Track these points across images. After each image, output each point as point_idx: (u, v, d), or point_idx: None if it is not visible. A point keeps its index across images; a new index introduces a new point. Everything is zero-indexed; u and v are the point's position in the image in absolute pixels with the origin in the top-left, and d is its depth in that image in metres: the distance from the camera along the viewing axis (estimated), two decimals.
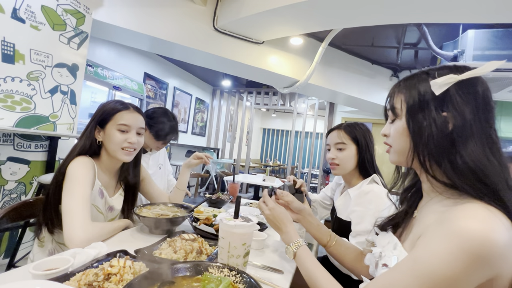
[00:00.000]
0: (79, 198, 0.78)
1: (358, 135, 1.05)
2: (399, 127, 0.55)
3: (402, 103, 0.55)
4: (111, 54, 3.28)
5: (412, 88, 0.53)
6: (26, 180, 1.85)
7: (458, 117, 0.48)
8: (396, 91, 0.57)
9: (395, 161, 0.58)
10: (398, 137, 0.55)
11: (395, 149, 0.57)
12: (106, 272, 0.52)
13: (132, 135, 0.92)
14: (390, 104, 0.58)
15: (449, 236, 0.40)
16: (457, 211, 0.43)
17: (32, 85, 1.77)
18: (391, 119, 0.58)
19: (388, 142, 0.59)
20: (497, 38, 2.33)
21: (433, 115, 0.49)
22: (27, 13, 1.70)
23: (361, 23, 2.15)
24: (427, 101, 0.50)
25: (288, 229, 0.74)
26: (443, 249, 0.40)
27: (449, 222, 0.42)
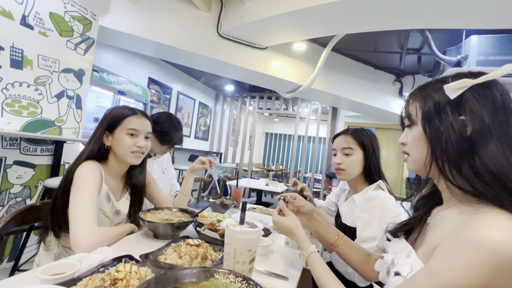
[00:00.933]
0: (86, 203, 0.79)
1: (365, 141, 1.04)
2: (416, 134, 0.55)
3: (417, 109, 0.55)
4: (116, 59, 3.32)
5: (427, 95, 0.54)
6: (32, 184, 1.86)
7: (476, 120, 0.47)
8: (411, 99, 0.57)
9: (413, 170, 0.57)
10: (415, 144, 0.55)
11: (413, 157, 0.56)
12: (113, 277, 0.52)
13: (141, 139, 0.95)
14: (406, 112, 0.58)
15: (469, 247, 0.39)
16: (477, 220, 0.41)
17: (39, 90, 1.79)
18: (407, 127, 0.58)
19: (406, 150, 0.59)
20: (501, 44, 2.33)
21: (450, 119, 0.49)
22: (36, 19, 1.73)
23: (364, 29, 2.16)
24: (443, 105, 0.50)
25: (296, 237, 0.75)
26: (463, 261, 0.38)
27: (470, 232, 0.40)
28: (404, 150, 0.59)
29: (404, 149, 0.59)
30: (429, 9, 1.74)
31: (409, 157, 0.58)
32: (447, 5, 1.67)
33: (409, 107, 0.57)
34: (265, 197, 5.80)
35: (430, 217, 0.58)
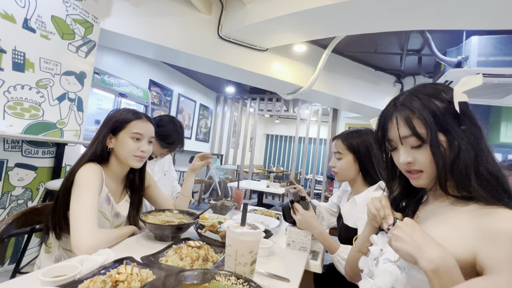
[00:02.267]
0: (87, 205, 0.79)
1: (355, 144, 1.05)
2: (428, 151, 0.53)
3: (420, 127, 0.53)
4: (117, 61, 3.34)
5: (426, 110, 0.53)
6: (33, 186, 1.87)
7: (475, 128, 0.52)
8: (405, 118, 0.55)
9: (424, 185, 0.57)
10: (430, 161, 0.54)
11: (429, 173, 0.55)
12: (114, 279, 0.52)
13: (145, 143, 0.96)
14: (409, 130, 0.54)
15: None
16: (503, 221, 0.45)
17: (41, 93, 1.80)
18: (414, 145, 0.55)
19: (417, 169, 0.56)
20: (501, 44, 2.33)
21: (458, 131, 0.52)
22: (38, 23, 1.74)
23: (364, 30, 2.16)
24: (447, 119, 0.52)
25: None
26: None
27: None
28: (415, 169, 0.56)
29: (414, 167, 0.56)
30: (429, 10, 1.74)
31: (424, 174, 0.56)
32: (447, 6, 1.67)
33: (413, 125, 0.54)
34: (266, 198, 5.79)
35: (419, 211, 0.62)
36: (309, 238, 0.98)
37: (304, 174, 5.40)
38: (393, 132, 0.57)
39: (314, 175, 5.33)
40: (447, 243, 0.48)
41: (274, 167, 8.05)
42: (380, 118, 0.62)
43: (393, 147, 0.60)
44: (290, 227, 1.02)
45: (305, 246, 0.98)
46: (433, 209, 0.59)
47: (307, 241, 0.98)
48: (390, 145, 0.60)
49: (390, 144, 0.60)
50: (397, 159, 0.59)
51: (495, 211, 0.47)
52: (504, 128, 4.09)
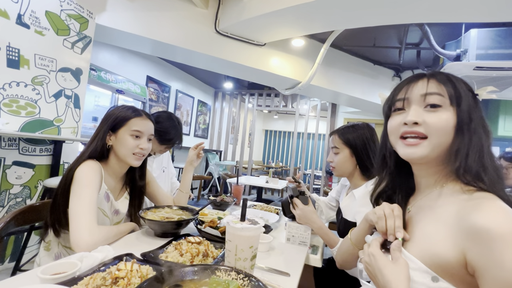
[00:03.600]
0: (86, 202, 0.79)
1: (352, 138, 1.05)
2: (447, 118, 0.51)
3: (451, 94, 0.52)
4: (114, 58, 3.30)
5: (457, 83, 0.53)
6: (31, 184, 1.86)
7: (486, 127, 0.53)
8: (437, 79, 0.53)
9: (425, 156, 0.53)
10: (443, 128, 0.51)
11: (435, 141, 0.52)
12: (114, 276, 0.52)
13: (144, 141, 0.96)
14: (441, 88, 0.52)
15: None
16: (489, 213, 0.44)
17: (36, 90, 1.78)
18: (434, 103, 0.52)
19: (422, 132, 0.52)
20: (500, 37, 2.31)
21: (480, 114, 0.53)
22: (32, 18, 1.71)
23: (363, 24, 2.14)
24: (473, 102, 0.53)
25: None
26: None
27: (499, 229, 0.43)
28: (419, 131, 0.52)
29: (419, 129, 0.52)
30: (428, 2, 1.72)
31: (427, 141, 0.52)
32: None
33: (438, 86, 0.52)
34: (266, 194, 5.81)
35: (410, 206, 0.60)
36: (309, 232, 0.99)
37: (303, 169, 5.41)
38: (416, 89, 0.54)
39: (313, 170, 5.35)
40: (438, 245, 0.48)
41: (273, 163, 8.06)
42: (403, 80, 0.59)
43: (398, 107, 0.56)
44: (289, 222, 1.02)
45: (304, 241, 0.99)
46: (423, 203, 0.57)
47: (307, 235, 0.99)
48: (395, 105, 0.57)
49: (395, 104, 0.57)
50: (400, 119, 0.55)
51: (481, 203, 0.46)
52: (502, 122, 4.10)
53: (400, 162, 0.61)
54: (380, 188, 0.66)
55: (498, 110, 4.15)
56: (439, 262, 0.48)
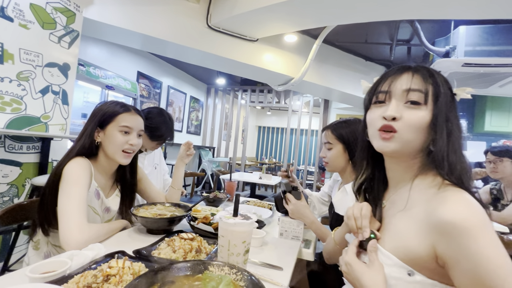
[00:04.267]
0: (76, 200, 0.77)
1: (345, 133, 1.06)
2: (423, 116, 0.52)
3: (431, 92, 0.52)
4: (103, 53, 3.22)
5: (440, 84, 0.53)
6: (19, 183, 1.81)
7: (460, 127, 0.54)
8: (421, 75, 0.54)
9: (396, 150, 0.54)
10: (417, 125, 0.52)
11: (405, 137, 0.53)
12: (105, 273, 0.51)
13: (133, 137, 0.94)
14: (423, 86, 0.53)
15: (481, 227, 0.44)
16: (455, 206, 0.46)
17: (22, 86, 1.73)
18: (414, 100, 0.53)
19: (394, 127, 0.53)
20: (488, 34, 2.36)
21: (455, 113, 0.54)
22: (15, 11, 1.65)
23: (355, 20, 2.15)
24: (452, 101, 0.54)
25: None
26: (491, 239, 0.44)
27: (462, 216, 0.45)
28: (391, 125, 0.53)
29: (393, 124, 0.53)
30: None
31: (397, 135, 0.53)
32: None
33: (420, 83, 0.53)
34: (259, 190, 5.83)
35: (385, 200, 0.62)
36: (302, 227, 1.00)
37: (296, 165, 5.45)
38: (399, 83, 0.55)
39: (306, 166, 5.39)
40: (410, 240, 0.50)
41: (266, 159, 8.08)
42: (387, 72, 0.59)
43: (380, 100, 0.57)
44: (282, 217, 1.03)
45: (297, 235, 1.00)
46: (395, 198, 0.59)
47: (300, 230, 1.00)
48: (378, 97, 0.57)
49: (378, 96, 0.57)
50: (380, 112, 0.56)
51: (447, 196, 0.48)
52: (489, 117, 4.22)
53: (376, 155, 0.62)
54: (361, 180, 0.67)
55: (485, 105, 4.26)
56: (412, 256, 0.50)
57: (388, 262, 0.52)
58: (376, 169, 0.65)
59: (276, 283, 0.64)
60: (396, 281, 0.50)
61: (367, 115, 0.60)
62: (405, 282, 0.50)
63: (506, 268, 0.42)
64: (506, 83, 2.81)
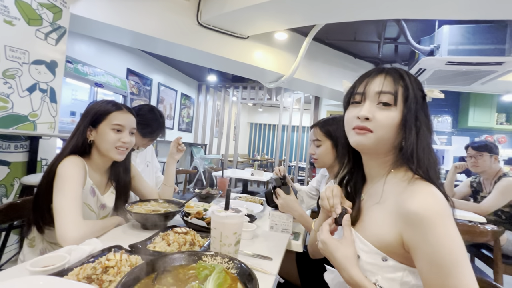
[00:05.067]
0: (70, 197, 0.79)
1: (332, 130, 1.10)
2: (394, 116, 0.56)
3: (400, 94, 0.57)
4: (91, 49, 3.16)
5: (410, 83, 0.58)
6: (7, 182, 1.79)
7: (428, 120, 0.59)
8: (393, 78, 0.58)
9: (367, 146, 0.59)
10: (388, 125, 0.56)
11: (379, 135, 0.57)
12: (104, 265, 0.54)
13: (126, 135, 0.96)
14: (393, 88, 0.57)
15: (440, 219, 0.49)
16: (420, 198, 0.51)
17: (8, 83, 1.69)
18: (385, 101, 0.57)
19: (368, 127, 0.58)
20: (469, 34, 2.46)
21: (423, 113, 0.58)
22: (0, 7, 1.62)
23: (343, 18, 2.20)
24: (421, 101, 0.58)
25: (353, 276, 0.62)
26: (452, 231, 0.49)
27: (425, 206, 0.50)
28: (365, 126, 0.58)
29: (367, 124, 0.58)
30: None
31: (372, 134, 0.58)
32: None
33: (391, 86, 0.57)
34: (251, 186, 5.88)
35: (364, 194, 0.67)
36: (291, 220, 1.04)
37: (288, 161, 5.52)
38: (372, 85, 0.59)
39: (298, 162, 5.47)
40: (382, 229, 0.56)
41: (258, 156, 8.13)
42: (364, 74, 0.64)
43: (357, 101, 0.62)
44: (273, 211, 1.07)
45: (287, 228, 1.04)
46: (372, 191, 0.64)
47: (289, 223, 1.04)
48: (354, 98, 0.62)
49: (355, 97, 0.62)
50: (355, 113, 0.60)
51: (415, 190, 0.52)
52: (472, 113, 4.39)
53: (356, 152, 0.68)
54: (342, 173, 0.73)
55: (468, 102, 4.43)
56: (384, 243, 0.55)
57: (365, 248, 0.57)
58: (356, 165, 0.70)
59: (265, 271, 0.68)
60: (371, 266, 0.56)
61: (346, 114, 0.66)
62: (380, 266, 0.55)
63: (457, 255, 0.48)
64: (487, 80, 2.93)
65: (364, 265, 0.57)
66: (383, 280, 0.55)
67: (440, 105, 4.96)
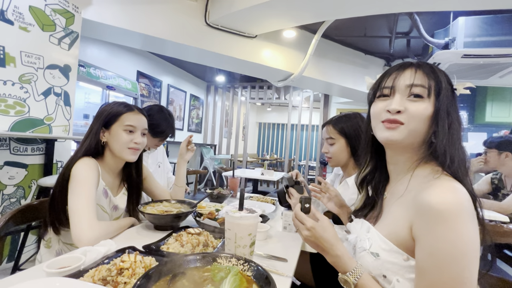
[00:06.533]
0: (85, 199, 0.80)
1: (346, 128, 1.07)
2: (426, 109, 0.54)
3: (432, 86, 0.55)
4: (102, 53, 3.23)
5: (440, 76, 0.56)
6: (25, 184, 1.84)
7: (459, 120, 0.57)
8: (423, 71, 0.56)
9: (402, 139, 0.56)
10: (421, 117, 0.54)
11: (412, 128, 0.55)
12: (119, 267, 0.54)
13: (138, 135, 0.97)
14: (423, 82, 0.55)
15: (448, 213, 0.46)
16: (438, 191, 0.49)
17: (24, 88, 1.74)
18: (417, 93, 0.55)
19: (400, 119, 0.55)
20: (487, 25, 2.36)
21: (455, 108, 0.56)
22: (15, 14, 1.66)
23: (353, 13, 2.15)
24: (451, 97, 0.57)
25: (338, 252, 0.60)
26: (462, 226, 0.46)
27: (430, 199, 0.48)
28: (396, 119, 0.55)
29: (398, 117, 0.55)
30: None
31: (404, 127, 0.55)
32: None
33: (423, 79, 0.55)
34: (261, 186, 5.87)
35: (387, 192, 0.65)
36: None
37: (297, 160, 5.47)
38: (402, 79, 0.57)
39: (308, 161, 5.41)
40: (400, 225, 0.54)
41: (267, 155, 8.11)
42: (391, 68, 0.62)
43: (385, 94, 0.59)
44: (285, 211, 1.05)
45: None
46: (395, 189, 0.62)
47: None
48: (382, 91, 0.60)
49: (383, 91, 0.60)
50: (384, 106, 0.58)
51: (436, 183, 0.50)
52: (490, 108, 4.22)
53: (379, 149, 0.65)
54: (364, 173, 0.70)
55: (485, 96, 4.26)
56: (401, 241, 0.53)
57: (386, 247, 0.55)
58: (378, 163, 0.67)
59: (282, 273, 0.66)
60: (392, 265, 0.54)
61: (372, 108, 0.62)
62: (401, 266, 0.53)
63: (463, 255, 0.45)
64: (506, 73, 2.80)
65: (385, 264, 0.55)
66: (405, 280, 0.52)
67: None
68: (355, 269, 0.57)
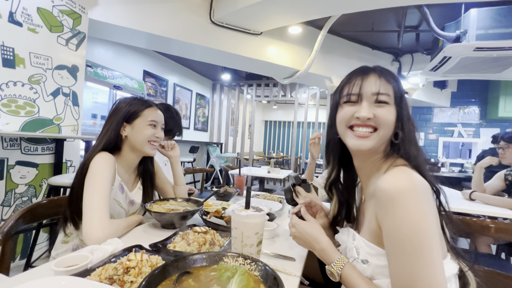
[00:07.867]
0: (99, 196, 0.80)
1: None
2: (392, 113, 0.58)
3: (392, 92, 0.60)
4: (109, 53, 3.27)
5: (398, 83, 0.61)
6: (36, 183, 1.88)
7: (408, 112, 0.62)
8: (385, 79, 0.60)
9: (372, 146, 0.59)
10: (389, 122, 0.58)
11: (383, 134, 0.58)
12: (125, 266, 0.53)
13: (159, 130, 1.02)
14: (389, 89, 0.59)
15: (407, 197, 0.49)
16: (392, 178, 0.52)
17: (34, 89, 1.77)
18: (383, 100, 0.59)
19: (372, 124, 0.59)
20: (501, 16, 2.27)
21: (408, 108, 0.61)
22: (24, 16, 1.69)
23: (361, 8, 2.11)
24: (405, 99, 0.62)
25: (322, 244, 0.63)
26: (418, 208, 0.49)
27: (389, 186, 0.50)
28: (370, 124, 0.59)
29: (371, 123, 0.58)
30: None
31: (376, 133, 0.58)
32: None
33: (386, 86, 0.59)
34: (268, 184, 5.86)
35: (364, 195, 0.66)
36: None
37: (304, 158, 5.44)
38: (368, 86, 0.59)
39: None
40: (372, 222, 0.56)
41: (274, 153, 8.09)
42: (353, 73, 0.65)
43: (352, 101, 0.61)
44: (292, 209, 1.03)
45: None
46: (370, 190, 0.63)
47: None
48: (350, 99, 0.61)
49: (350, 98, 0.61)
50: (352, 112, 0.60)
51: (392, 170, 0.53)
52: (503, 103, 4.09)
53: (344, 151, 0.67)
54: (332, 178, 0.72)
55: (498, 91, 4.13)
56: (379, 238, 0.54)
57: (372, 252, 0.55)
58: (345, 166, 0.70)
59: (289, 273, 0.65)
60: (382, 268, 0.54)
61: (339, 112, 0.64)
62: None
63: (423, 234, 0.46)
64: None
65: (376, 269, 0.55)
66: None
67: (466, 96, 4.66)
68: (338, 260, 0.60)
